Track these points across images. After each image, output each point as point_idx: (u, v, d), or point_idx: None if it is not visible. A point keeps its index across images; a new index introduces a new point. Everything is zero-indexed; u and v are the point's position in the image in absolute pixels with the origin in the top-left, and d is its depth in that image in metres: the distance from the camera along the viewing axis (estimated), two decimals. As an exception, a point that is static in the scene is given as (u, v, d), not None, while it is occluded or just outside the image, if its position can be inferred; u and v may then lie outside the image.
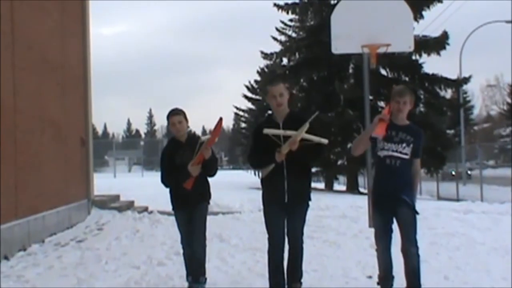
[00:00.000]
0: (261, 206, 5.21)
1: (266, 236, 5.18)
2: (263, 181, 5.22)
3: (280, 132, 4.95)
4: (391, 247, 5.12)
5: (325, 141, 4.92)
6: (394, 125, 5.07)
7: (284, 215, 5.11)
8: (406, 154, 5.01)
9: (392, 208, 5.04)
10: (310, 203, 5.24)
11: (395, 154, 5.02)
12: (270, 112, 5.48)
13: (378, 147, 5.09)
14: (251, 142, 5.40)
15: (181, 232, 5.74)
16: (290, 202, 5.05)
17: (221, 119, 5.28)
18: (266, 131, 4.94)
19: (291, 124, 5.01)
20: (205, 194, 5.70)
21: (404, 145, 5.02)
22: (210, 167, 5.52)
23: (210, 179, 5.65)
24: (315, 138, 4.89)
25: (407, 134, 5.06)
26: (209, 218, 11.44)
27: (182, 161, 5.44)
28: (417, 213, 5.07)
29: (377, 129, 4.99)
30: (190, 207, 5.56)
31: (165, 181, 5.64)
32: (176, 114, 5.59)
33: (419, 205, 5.38)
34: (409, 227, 5.01)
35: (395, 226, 5.11)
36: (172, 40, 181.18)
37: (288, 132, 4.89)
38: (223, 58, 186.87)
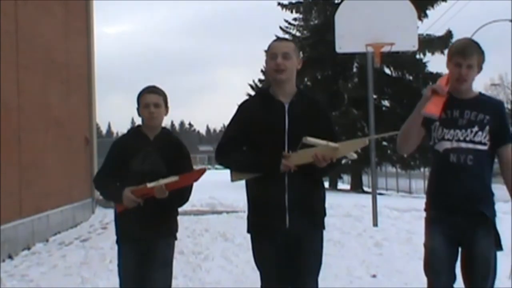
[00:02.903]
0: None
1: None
2: (248, 192, 3.41)
3: (323, 143, 3.14)
4: None
5: (355, 156, 3.33)
6: (455, 100, 3.28)
7: (285, 251, 3.31)
8: (481, 143, 3.24)
9: (462, 230, 3.30)
10: (324, 231, 3.45)
11: (463, 145, 3.24)
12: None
13: (435, 137, 3.31)
14: (229, 126, 3.46)
15: (123, 282, 3.67)
16: (293, 229, 3.26)
17: (204, 171, 3.52)
18: (309, 140, 3.10)
19: (301, 111, 3.28)
20: (169, 225, 3.72)
21: (475, 129, 3.24)
22: (180, 198, 3.61)
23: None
24: (348, 153, 3.30)
25: (479, 112, 3.26)
26: (213, 218, 11.47)
27: (141, 168, 3.56)
28: (500, 247, 3.47)
29: (428, 106, 3.19)
30: (145, 242, 3.60)
31: (100, 185, 3.77)
32: (152, 93, 3.68)
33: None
34: (484, 267, 3.40)
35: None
36: (176, 39, 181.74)
37: (332, 145, 3.14)
38: (227, 57, 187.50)
